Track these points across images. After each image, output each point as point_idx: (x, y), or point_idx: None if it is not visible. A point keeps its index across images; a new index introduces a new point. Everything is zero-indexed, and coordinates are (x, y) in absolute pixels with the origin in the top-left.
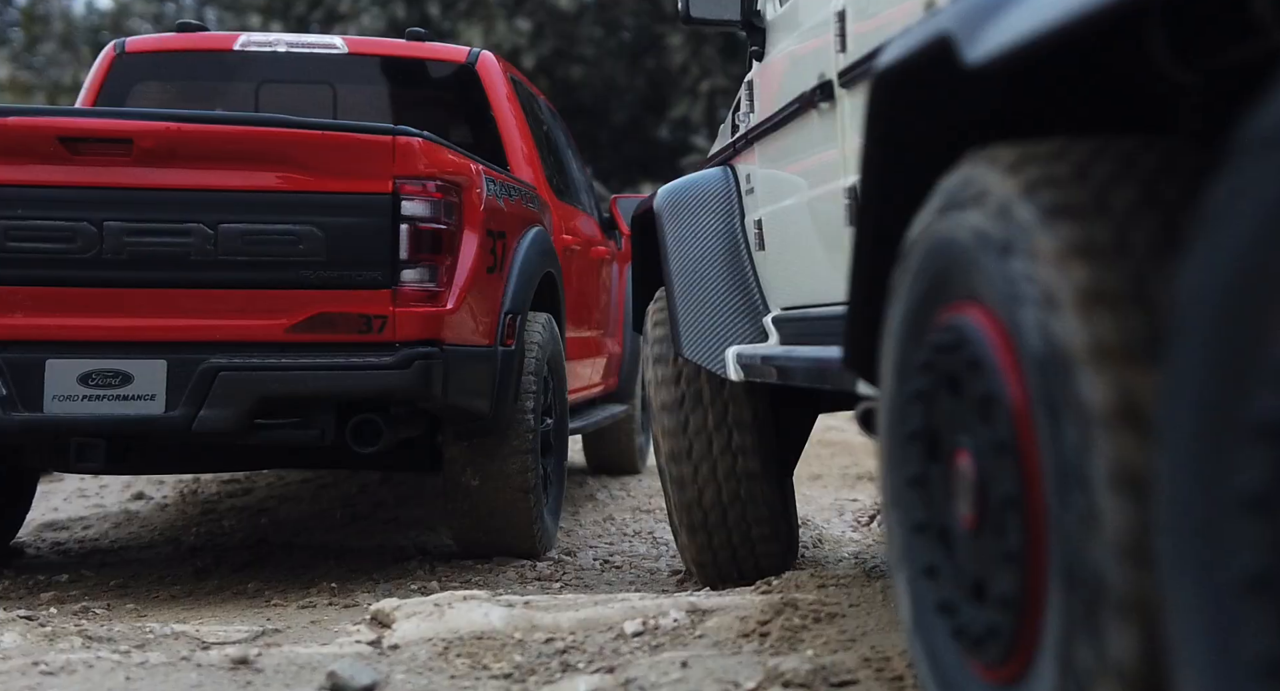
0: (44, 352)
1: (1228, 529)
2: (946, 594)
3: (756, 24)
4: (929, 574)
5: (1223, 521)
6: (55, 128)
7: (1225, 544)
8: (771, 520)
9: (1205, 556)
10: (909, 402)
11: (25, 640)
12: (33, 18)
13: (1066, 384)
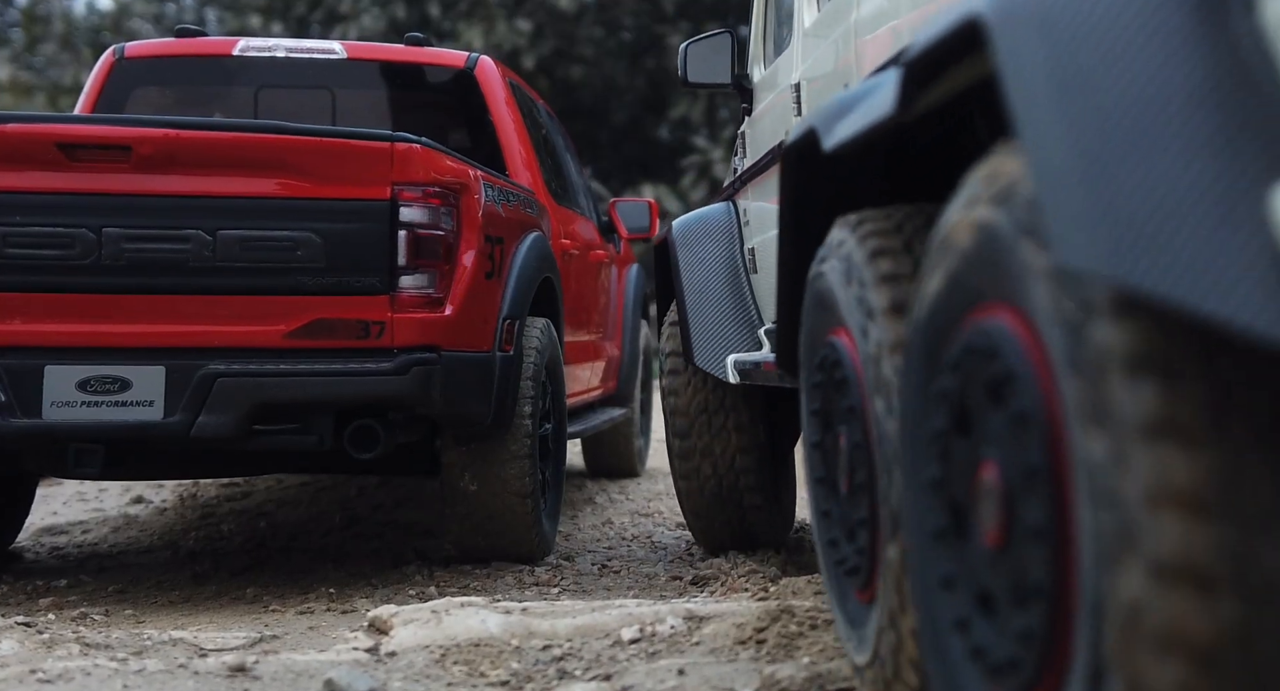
0: (43, 359)
1: (922, 453)
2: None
3: (745, 86)
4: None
5: (921, 456)
6: (54, 134)
7: (920, 464)
8: (763, 493)
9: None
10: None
11: (23, 647)
12: (33, 18)
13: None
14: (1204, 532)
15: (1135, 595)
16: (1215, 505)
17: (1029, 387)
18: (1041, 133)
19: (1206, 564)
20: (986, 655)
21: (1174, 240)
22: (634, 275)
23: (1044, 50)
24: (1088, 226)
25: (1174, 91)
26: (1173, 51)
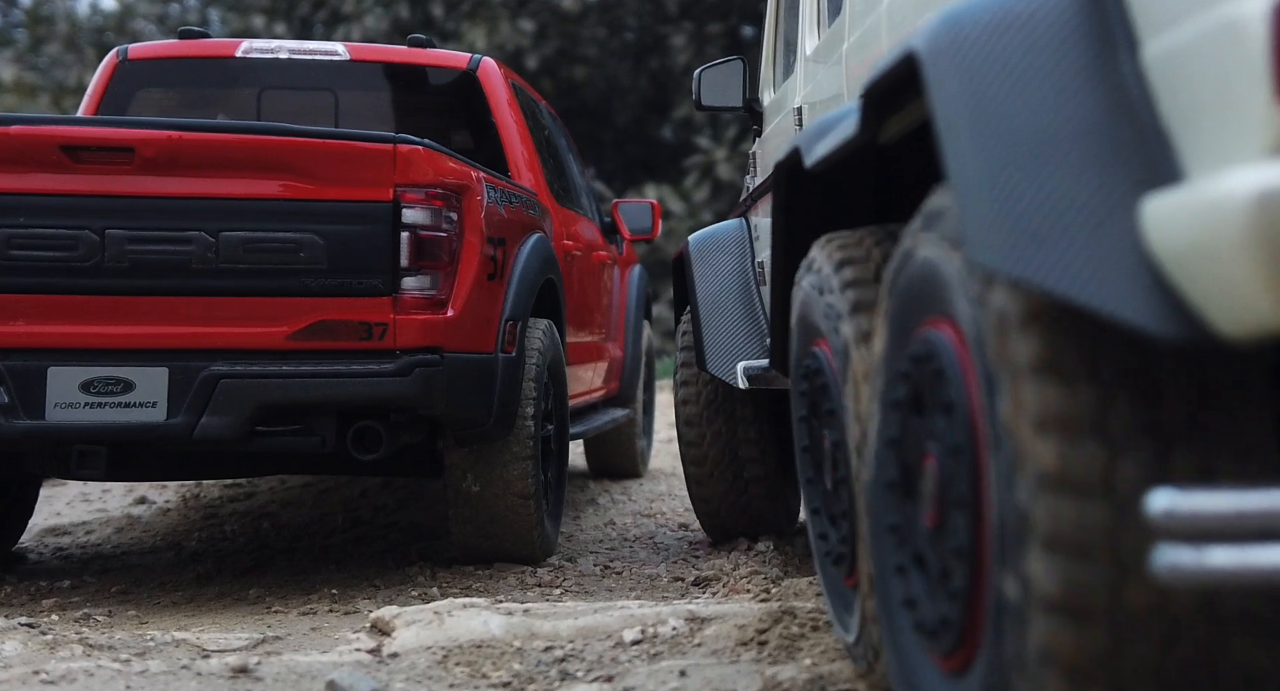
0: (46, 360)
1: (882, 455)
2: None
3: (756, 108)
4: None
5: (881, 451)
6: (57, 136)
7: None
8: (766, 483)
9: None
10: (799, 413)
11: (26, 648)
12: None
13: (847, 365)
14: (1077, 449)
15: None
16: (1086, 427)
17: (957, 381)
18: (959, 150)
19: (1079, 474)
20: (925, 624)
21: (1060, 242)
22: (636, 276)
23: (962, 81)
24: (992, 229)
25: (1067, 119)
26: (1067, 85)
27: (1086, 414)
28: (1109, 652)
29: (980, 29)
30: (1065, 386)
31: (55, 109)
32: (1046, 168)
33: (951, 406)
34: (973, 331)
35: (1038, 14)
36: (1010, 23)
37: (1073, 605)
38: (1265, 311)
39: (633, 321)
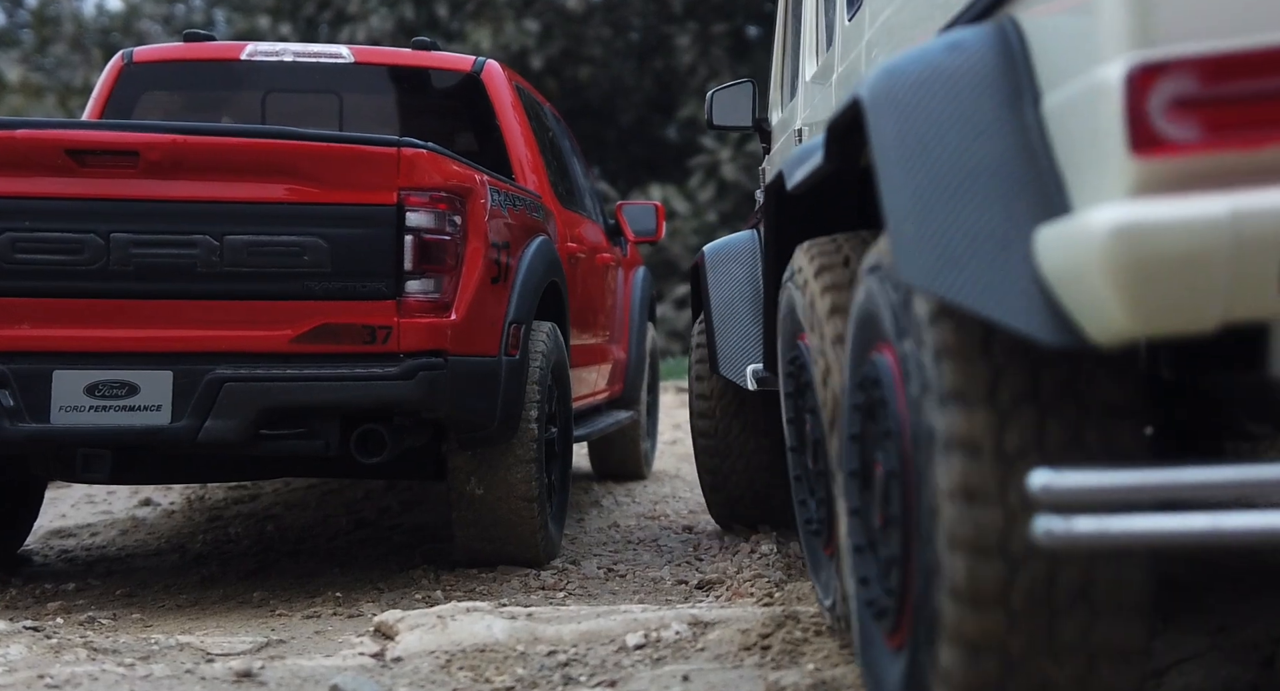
0: (51, 363)
1: (847, 447)
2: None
3: (765, 128)
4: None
5: (847, 444)
6: (62, 140)
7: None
8: (770, 471)
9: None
10: (785, 391)
11: (31, 652)
12: (43, 19)
13: (824, 359)
14: (975, 416)
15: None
16: (981, 400)
17: (893, 393)
18: (892, 184)
19: (975, 438)
20: (874, 604)
21: (971, 264)
22: (640, 278)
23: (895, 125)
24: (917, 252)
25: (980, 160)
26: (982, 130)
27: (980, 390)
28: (1002, 584)
29: (911, 81)
30: (963, 366)
31: (61, 109)
32: (962, 201)
33: (889, 412)
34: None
35: (960, 69)
36: (936, 76)
37: (971, 543)
38: (1121, 323)
39: (636, 323)
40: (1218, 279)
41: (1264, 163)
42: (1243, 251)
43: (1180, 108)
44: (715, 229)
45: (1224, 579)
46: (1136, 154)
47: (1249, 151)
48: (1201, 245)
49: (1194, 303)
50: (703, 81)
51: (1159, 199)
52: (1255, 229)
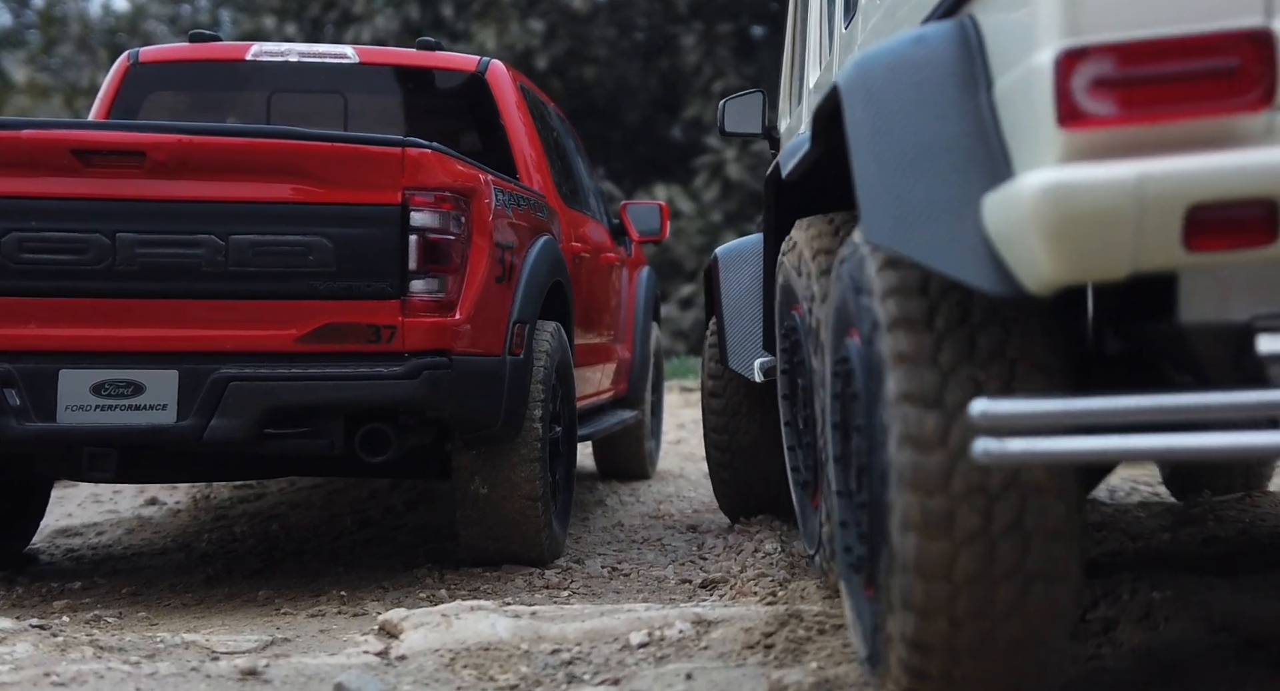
0: (57, 363)
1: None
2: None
3: (774, 134)
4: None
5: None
6: (69, 140)
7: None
8: (779, 470)
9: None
10: (781, 354)
11: (37, 650)
12: (50, 20)
13: (817, 333)
14: (921, 374)
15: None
16: (927, 356)
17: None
18: (862, 159)
19: (924, 393)
20: (851, 551)
21: (929, 227)
22: (645, 277)
23: (866, 109)
24: (881, 217)
25: (938, 137)
26: (941, 112)
27: (926, 349)
28: (946, 518)
29: (881, 69)
30: (913, 333)
31: (68, 109)
32: (922, 173)
33: (855, 393)
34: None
35: (924, 59)
36: (903, 65)
37: (919, 483)
38: (1048, 272)
39: (641, 323)
40: (1126, 233)
41: (1167, 134)
42: (1146, 209)
43: (1099, 87)
44: (720, 229)
45: (1228, 578)
46: (1063, 126)
47: (1154, 125)
48: (1112, 204)
49: (1107, 254)
50: (708, 81)
51: (1081, 165)
52: (1157, 190)
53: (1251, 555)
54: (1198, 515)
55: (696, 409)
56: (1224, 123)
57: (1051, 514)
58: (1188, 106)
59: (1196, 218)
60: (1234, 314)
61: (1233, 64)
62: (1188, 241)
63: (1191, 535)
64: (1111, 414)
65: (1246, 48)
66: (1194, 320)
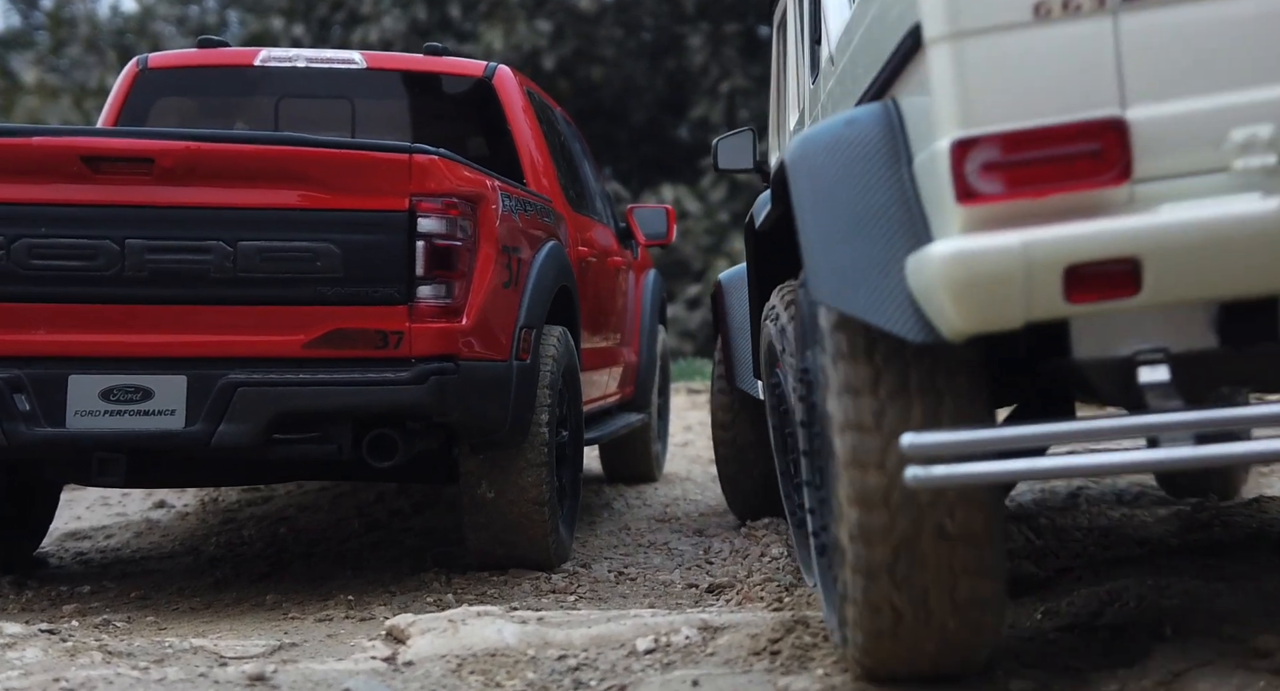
0: (67, 368)
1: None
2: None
3: (764, 169)
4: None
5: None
6: (78, 147)
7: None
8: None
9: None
10: (768, 401)
11: (47, 655)
12: (59, 21)
13: (790, 364)
14: (862, 403)
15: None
16: (867, 391)
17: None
18: (805, 225)
19: (864, 421)
20: (818, 536)
21: (861, 285)
22: (651, 280)
23: (808, 181)
24: (823, 276)
25: (868, 207)
26: (869, 184)
27: (865, 384)
28: (886, 528)
29: (820, 147)
30: (854, 367)
31: (77, 110)
32: (856, 238)
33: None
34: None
35: (854, 138)
36: (837, 144)
37: (863, 500)
38: (957, 324)
39: (647, 326)
40: (1017, 291)
41: (1046, 207)
42: (1032, 271)
43: (988, 170)
44: (727, 229)
45: (1235, 586)
46: (960, 203)
47: (1035, 199)
48: (1004, 267)
49: (1003, 308)
50: (715, 81)
51: (977, 235)
52: (1040, 254)
53: (1259, 562)
54: (1205, 521)
55: (703, 411)
56: (1091, 196)
57: (971, 523)
58: (1061, 183)
59: (1074, 275)
60: (1118, 350)
61: (1096, 147)
62: (1068, 295)
63: (1199, 541)
64: (1015, 440)
65: (1107, 134)
66: (1086, 356)
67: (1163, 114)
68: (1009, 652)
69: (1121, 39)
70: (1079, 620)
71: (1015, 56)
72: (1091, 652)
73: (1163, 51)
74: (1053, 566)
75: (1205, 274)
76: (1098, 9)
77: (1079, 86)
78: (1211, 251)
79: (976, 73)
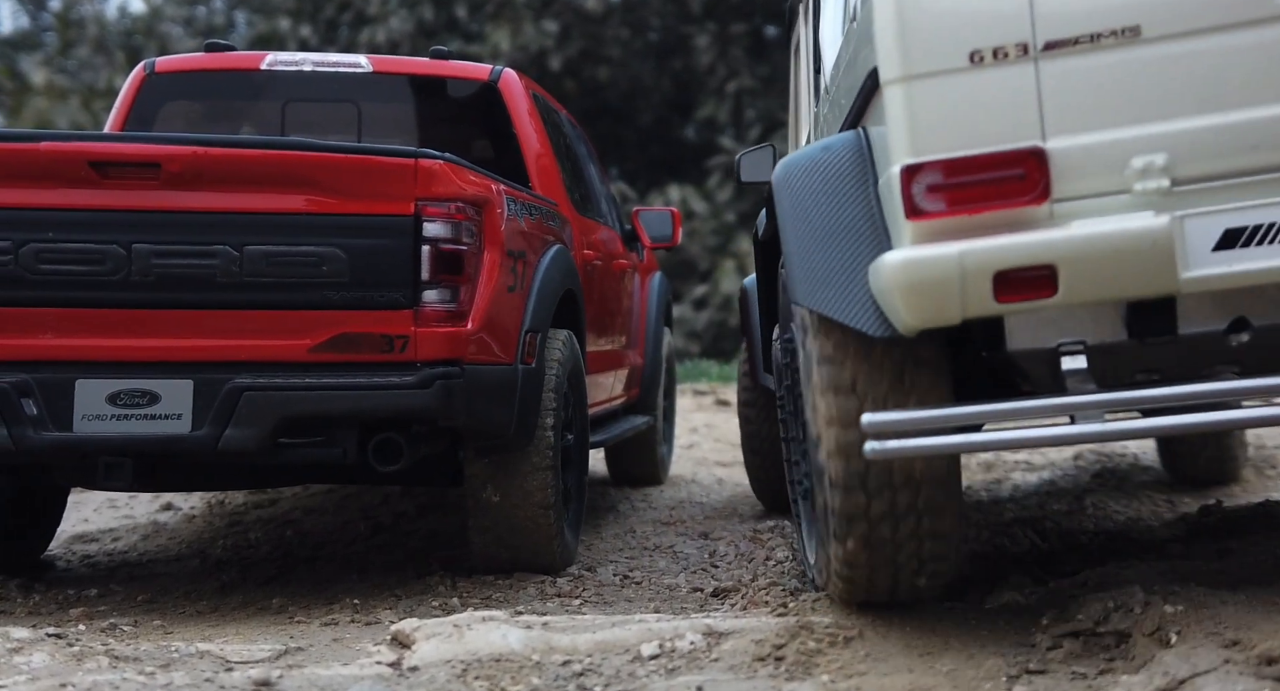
0: (74, 373)
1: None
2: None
3: None
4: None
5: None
6: (85, 152)
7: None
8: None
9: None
10: (778, 371)
11: (54, 660)
12: (67, 22)
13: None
14: (843, 401)
15: (820, 428)
16: (847, 389)
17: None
18: (786, 237)
19: (843, 415)
20: (802, 484)
21: (832, 288)
22: (657, 283)
23: (789, 199)
24: (800, 280)
25: (839, 221)
26: (841, 202)
27: (845, 382)
28: (861, 476)
29: (800, 169)
30: (834, 368)
31: (85, 111)
32: (828, 248)
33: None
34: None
35: (829, 162)
36: (815, 166)
37: (839, 453)
38: (909, 320)
39: (653, 329)
40: (954, 292)
41: (979, 223)
42: (966, 276)
43: (931, 191)
44: (734, 229)
45: (1241, 592)
46: (909, 219)
47: (970, 216)
48: (943, 273)
49: (944, 307)
50: (721, 82)
51: (923, 246)
52: (973, 262)
53: (1266, 568)
54: (1212, 525)
55: (709, 413)
56: (1016, 213)
57: (933, 471)
58: (992, 202)
59: (1001, 279)
60: (1044, 342)
61: (1020, 172)
62: (997, 296)
63: (1205, 546)
64: (951, 418)
65: (1029, 161)
66: (1018, 348)
67: (1076, 144)
68: (1014, 658)
69: (1041, 82)
70: (1084, 625)
71: (954, 96)
72: (1096, 658)
73: (1076, 92)
74: (1059, 571)
75: (1110, 278)
76: (1022, 56)
77: (1007, 121)
78: (1114, 259)
79: (923, 109)
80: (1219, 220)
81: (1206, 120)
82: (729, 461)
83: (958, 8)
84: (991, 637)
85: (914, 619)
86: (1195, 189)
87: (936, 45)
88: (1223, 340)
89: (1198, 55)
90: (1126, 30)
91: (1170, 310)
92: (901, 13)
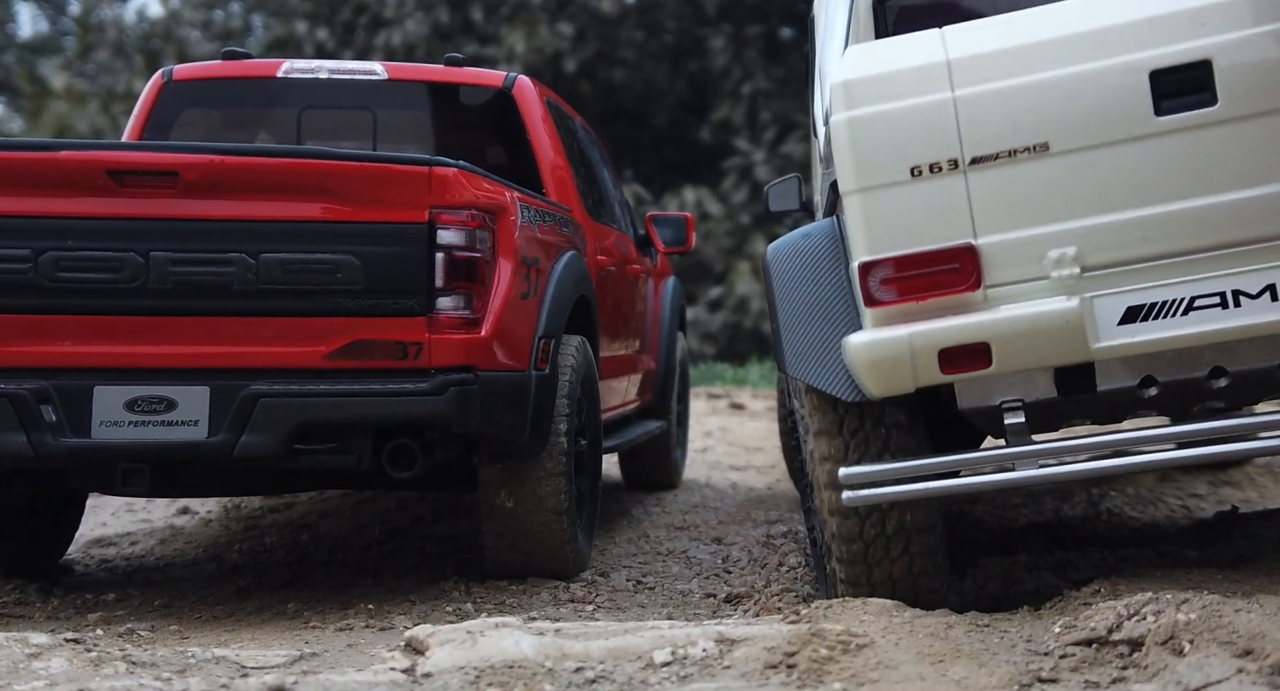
0: (92, 379)
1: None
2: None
3: (810, 210)
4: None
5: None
6: (103, 161)
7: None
8: None
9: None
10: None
11: (72, 666)
12: (86, 26)
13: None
14: (829, 443)
15: (814, 465)
16: (830, 434)
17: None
18: (773, 313)
19: (830, 455)
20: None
21: (812, 359)
22: (670, 288)
23: (776, 278)
24: (785, 352)
25: (817, 300)
26: (818, 283)
27: (832, 429)
28: (858, 528)
29: (785, 252)
30: (819, 423)
31: (104, 114)
32: (809, 324)
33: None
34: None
35: (809, 247)
36: (797, 250)
37: (835, 509)
38: (873, 389)
39: (666, 333)
40: (906, 367)
41: (924, 308)
42: (915, 353)
43: (884, 283)
44: (748, 231)
45: (1255, 599)
46: (867, 306)
47: (917, 303)
48: (896, 352)
49: (899, 378)
50: (736, 83)
51: (880, 329)
52: (921, 342)
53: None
54: (1226, 533)
55: (723, 417)
56: (955, 299)
57: (920, 522)
58: (935, 291)
59: (945, 355)
60: (988, 401)
61: (957, 266)
62: (942, 369)
63: (1219, 554)
64: (916, 469)
65: (963, 256)
66: (967, 407)
67: (1002, 240)
68: (1026, 666)
69: (971, 190)
70: (1097, 633)
71: (900, 203)
72: (1109, 667)
73: (999, 197)
74: (1072, 577)
75: (1033, 350)
76: (953, 170)
77: (943, 223)
78: (1036, 335)
79: (874, 215)
80: (1122, 299)
81: (1107, 218)
82: (743, 465)
83: (899, 131)
84: (1003, 645)
85: (926, 626)
86: (1101, 274)
87: (883, 163)
88: (1136, 394)
89: (1097, 164)
90: (1038, 146)
91: (1090, 372)
92: (854, 136)
